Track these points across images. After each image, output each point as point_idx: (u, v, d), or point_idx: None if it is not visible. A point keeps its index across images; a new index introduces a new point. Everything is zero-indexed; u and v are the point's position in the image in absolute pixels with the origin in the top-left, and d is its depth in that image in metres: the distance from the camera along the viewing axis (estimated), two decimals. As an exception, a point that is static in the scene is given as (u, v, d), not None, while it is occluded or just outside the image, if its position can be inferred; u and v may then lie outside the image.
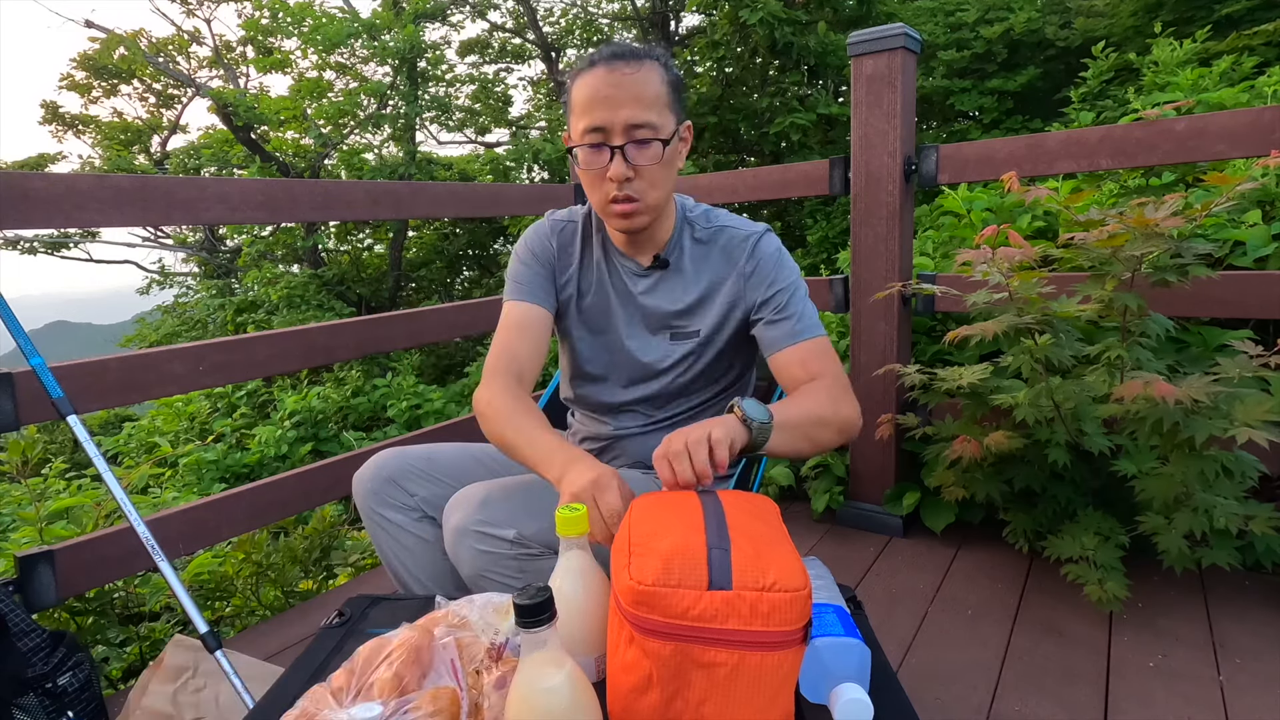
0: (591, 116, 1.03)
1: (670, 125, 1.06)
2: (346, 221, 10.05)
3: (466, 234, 10.76)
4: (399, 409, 5.77)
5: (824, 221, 7.42)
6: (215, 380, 1.68)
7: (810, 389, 1.04)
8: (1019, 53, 7.82)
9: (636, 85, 1.02)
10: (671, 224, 1.17)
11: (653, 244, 1.17)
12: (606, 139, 1.03)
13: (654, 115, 1.03)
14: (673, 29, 11.31)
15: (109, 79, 11.59)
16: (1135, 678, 1.42)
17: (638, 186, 1.05)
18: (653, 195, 1.07)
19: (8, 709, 1.19)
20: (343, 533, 2.51)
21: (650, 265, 1.17)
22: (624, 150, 1.03)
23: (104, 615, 1.85)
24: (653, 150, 1.04)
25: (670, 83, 1.07)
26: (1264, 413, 1.33)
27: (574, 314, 1.22)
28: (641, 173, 1.05)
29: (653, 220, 1.11)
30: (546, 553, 0.99)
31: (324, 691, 0.67)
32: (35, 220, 1.40)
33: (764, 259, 1.14)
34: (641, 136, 1.03)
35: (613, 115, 1.02)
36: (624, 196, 1.05)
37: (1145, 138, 1.68)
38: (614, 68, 1.02)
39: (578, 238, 1.22)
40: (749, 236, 1.16)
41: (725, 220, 1.19)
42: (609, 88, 1.02)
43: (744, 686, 0.61)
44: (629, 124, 1.02)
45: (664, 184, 1.08)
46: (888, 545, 2.05)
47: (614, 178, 1.04)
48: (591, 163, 1.05)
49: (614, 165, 1.03)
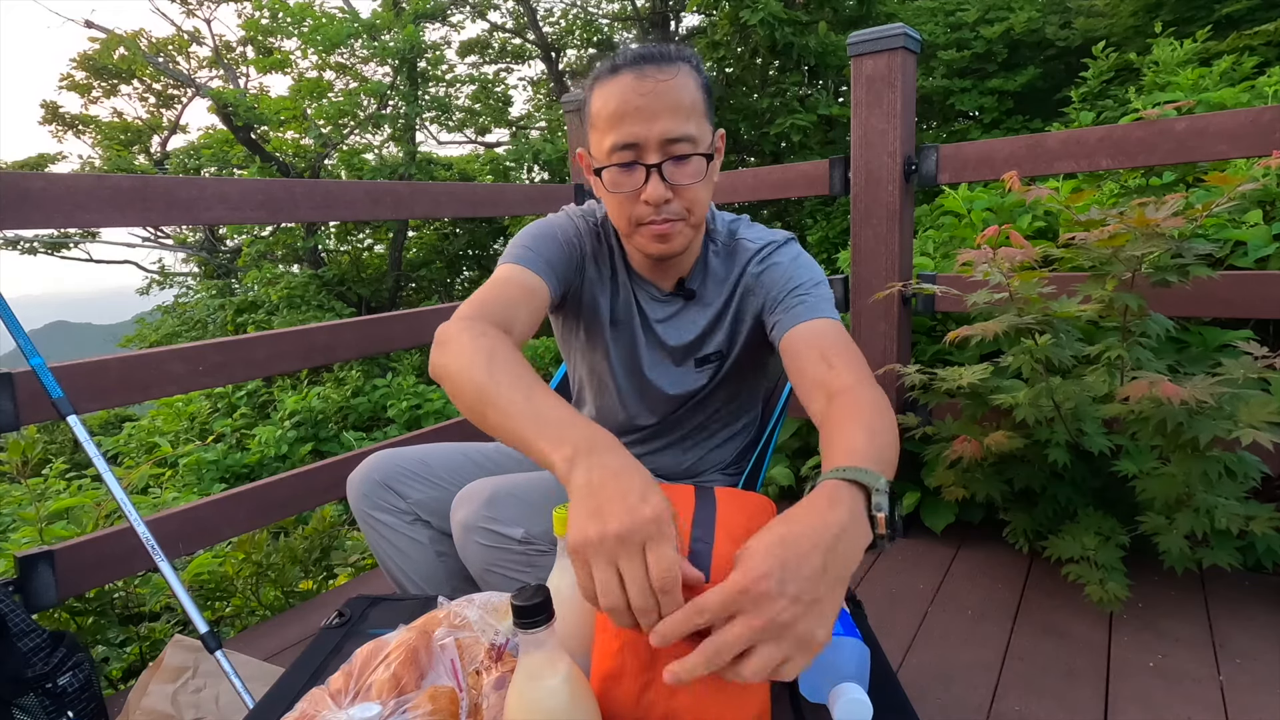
0: (621, 132, 0.89)
1: (709, 136, 0.94)
2: (346, 221, 10.04)
3: (466, 234, 10.77)
4: (399, 409, 5.78)
5: (824, 221, 7.43)
6: (215, 380, 1.68)
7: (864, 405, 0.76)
8: (1019, 53, 7.83)
9: (672, 93, 0.89)
10: (698, 246, 1.05)
11: (676, 268, 1.05)
12: (640, 156, 0.90)
13: (692, 127, 0.90)
14: (673, 29, 11.32)
15: (109, 79, 11.60)
16: (1135, 678, 1.42)
17: (676, 208, 0.93)
18: (695, 215, 0.95)
19: (8, 709, 1.19)
20: (343, 533, 2.51)
21: (672, 291, 1.07)
22: (660, 169, 0.90)
23: (104, 615, 1.85)
24: (694, 166, 0.91)
25: (704, 87, 0.94)
26: (1268, 414, 1.33)
27: (606, 333, 1.09)
28: (681, 192, 0.92)
29: (690, 241, 0.98)
30: (555, 548, 0.98)
31: (322, 694, 0.67)
32: (35, 220, 1.40)
33: (776, 265, 1.03)
34: (680, 152, 0.90)
35: (647, 130, 0.88)
36: (663, 220, 0.93)
37: (1145, 138, 1.68)
38: (644, 74, 0.88)
39: (601, 247, 1.09)
40: (763, 248, 1.05)
41: (744, 233, 1.07)
42: (640, 97, 0.88)
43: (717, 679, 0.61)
44: (665, 138, 0.89)
45: (705, 204, 0.96)
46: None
47: (652, 200, 0.90)
48: (623, 184, 0.92)
49: (650, 186, 0.90)
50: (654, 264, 1.05)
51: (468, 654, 0.72)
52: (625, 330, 1.10)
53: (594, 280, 1.08)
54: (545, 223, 1.06)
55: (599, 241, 1.09)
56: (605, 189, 0.95)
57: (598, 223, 1.10)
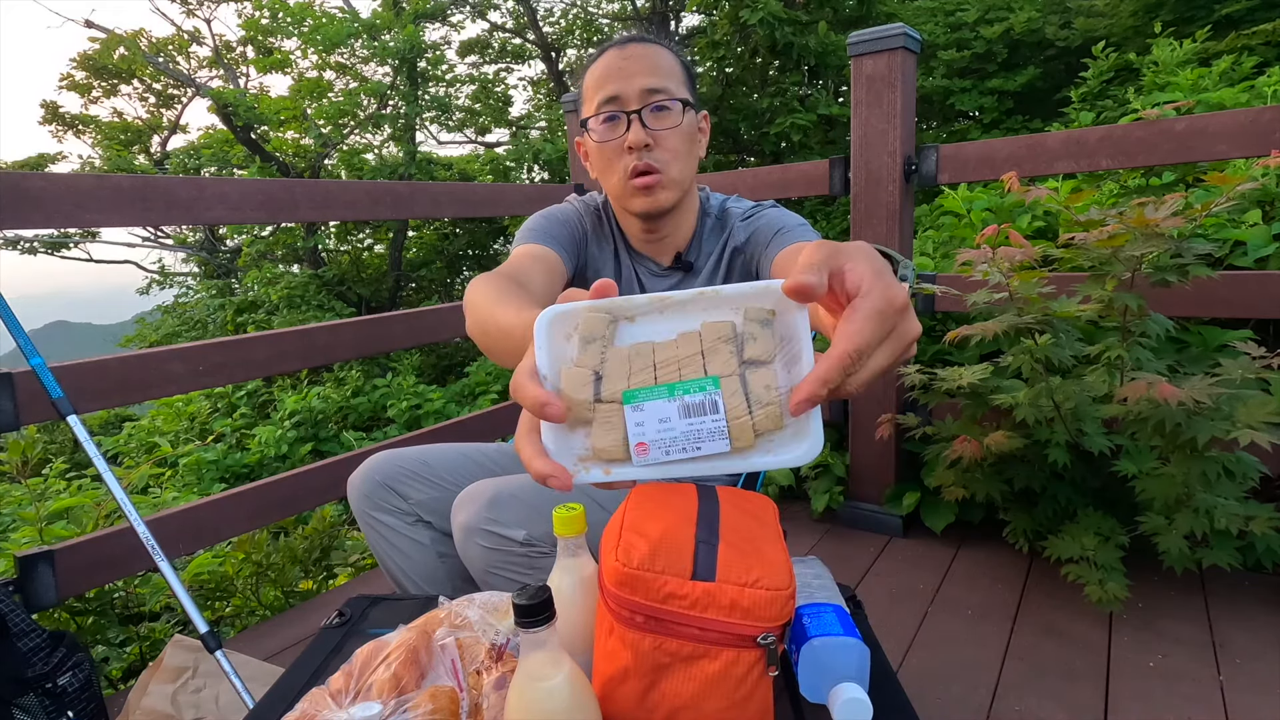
0: (606, 89, 1.01)
1: (688, 96, 1.03)
2: (346, 221, 10.05)
3: (466, 234, 10.76)
4: (399, 409, 5.78)
5: (824, 221, 7.42)
6: (215, 380, 1.68)
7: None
8: (1019, 53, 7.82)
9: (650, 57, 1.01)
10: (694, 220, 1.12)
11: (674, 241, 1.12)
12: (622, 106, 1.00)
13: (670, 83, 1.01)
14: (673, 29, 11.32)
15: (109, 79, 11.60)
16: (1135, 678, 1.42)
17: (658, 156, 1.01)
18: (675, 168, 1.02)
19: (8, 709, 1.19)
20: (343, 533, 2.51)
21: (671, 265, 1.13)
22: (640, 115, 1.00)
23: (104, 615, 1.85)
24: (672, 114, 1.01)
25: (684, 66, 1.05)
26: (1266, 414, 1.33)
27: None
28: (661, 141, 1.01)
29: (677, 199, 1.05)
30: (555, 551, 0.99)
31: (323, 694, 0.67)
32: (35, 220, 1.40)
33: (762, 223, 1.08)
34: (658, 101, 1.00)
35: (627, 84, 1.00)
36: (644, 166, 1.01)
37: (1145, 138, 1.68)
38: (626, 47, 1.02)
39: (603, 228, 1.17)
40: (749, 209, 1.12)
41: (732, 204, 1.15)
42: (621, 61, 1.00)
43: (719, 682, 0.61)
44: (645, 89, 0.99)
45: (685, 158, 1.04)
46: (888, 545, 2.05)
47: (633, 144, 1.00)
48: (607, 134, 1.02)
49: (632, 131, 1.00)
50: (651, 238, 1.11)
51: (468, 654, 0.72)
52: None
53: (596, 257, 1.15)
54: (546, 210, 1.14)
55: (600, 222, 1.17)
56: (595, 145, 1.04)
57: (598, 206, 1.18)
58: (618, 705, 0.63)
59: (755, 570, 0.62)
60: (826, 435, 2.35)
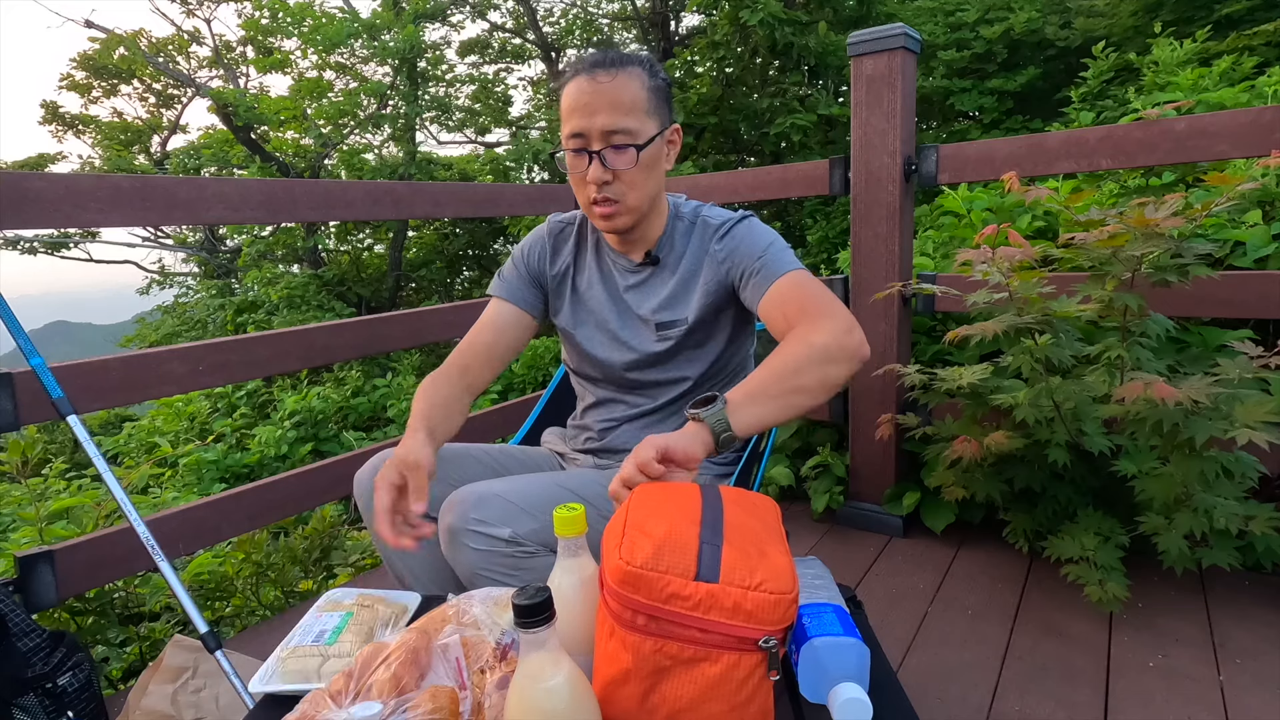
0: (572, 123, 1.09)
1: (650, 129, 1.10)
2: (346, 221, 10.05)
3: (466, 234, 10.76)
4: (399, 409, 5.78)
5: (824, 221, 7.42)
6: (215, 380, 1.68)
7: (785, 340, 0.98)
8: (1019, 53, 7.82)
9: (613, 92, 1.07)
10: (663, 222, 1.21)
11: (644, 242, 1.21)
12: (586, 144, 1.09)
13: (631, 121, 1.08)
14: (673, 29, 11.32)
15: (109, 79, 11.61)
16: (1135, 678, 1.42)
17: (616, 189, 1.10)
18: (632, 197, 1.11)
19: (8, 709, 1.19)
20: (343, 533, 2.51)
21: (642, 262, 1.21)
22: (601, 155, 1.08)
23: (104, 615, 1.85)
24: (628, 155, 1.08)
25: (652, 88, 1.11)
26: (1264, 414, 1.33)
27: (568, 309, 1.27)
28: (620, 176, 1.10)
29: (635, 221, 1.15)
30: (542, 551, 0.99)
31: (323, 694, 0.67)
32: (35, 220, 1.40)
33: (738, 241, 1.15)
34: (618, 142, 1.08)
35: (590, 122, 1.07)
36: (603, 199, 1.11)
37: (1145, 138, 1.68)
38: (593, 76, 1.07)
39: (573, 237, 1.28)
40: (724, 223, 1.18)
41: (707, 212, 1.22)
42: (587, 95, 1.07)
43: (720, 684, 0.61)
44: (605, 129, 1.07)
45: (643, 186, 1.12)
46: (888, 545, 2.05)
47: (592, 181, 1.09)
48: (574, 167, 1.12)
49: (592, 169, 1.09)
50: (619, 238, 1.21)
51: (474, 652, 0.72)
52: (594, 298, 1.25)
53: (559, 266, 1.27)
54: (519, 246, 1.30)
55: (581, 228, 1.28)
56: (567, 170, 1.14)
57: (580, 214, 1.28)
58: (618, 707, 0.63)
59: (759, 573, 0.62)
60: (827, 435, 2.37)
